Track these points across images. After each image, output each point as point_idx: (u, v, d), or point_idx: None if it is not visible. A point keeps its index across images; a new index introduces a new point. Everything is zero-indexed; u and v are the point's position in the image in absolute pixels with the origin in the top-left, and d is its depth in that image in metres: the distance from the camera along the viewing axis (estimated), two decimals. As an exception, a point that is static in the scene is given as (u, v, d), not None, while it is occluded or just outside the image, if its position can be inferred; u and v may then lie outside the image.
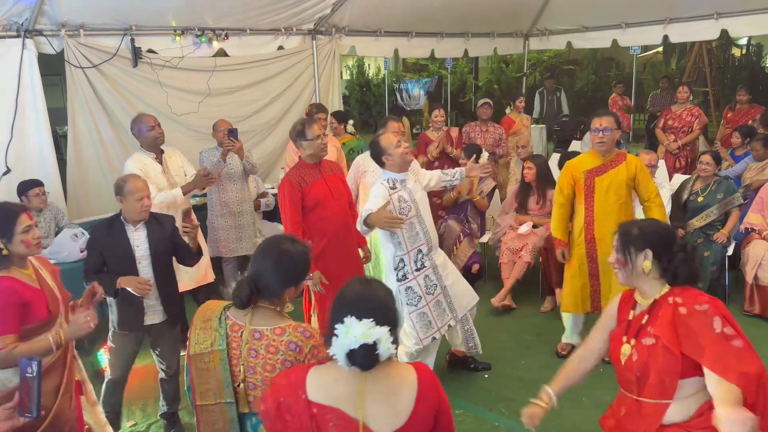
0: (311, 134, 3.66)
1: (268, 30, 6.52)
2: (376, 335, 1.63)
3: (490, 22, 8.36)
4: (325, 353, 1.78)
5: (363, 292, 1.76)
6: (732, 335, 2.00)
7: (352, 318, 1.66)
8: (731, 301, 5.06)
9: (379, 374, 1.70)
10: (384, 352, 1.65)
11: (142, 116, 4.39)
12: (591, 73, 15.29)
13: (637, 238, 2.15)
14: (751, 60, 13.71)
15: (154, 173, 4.26)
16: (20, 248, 2.41)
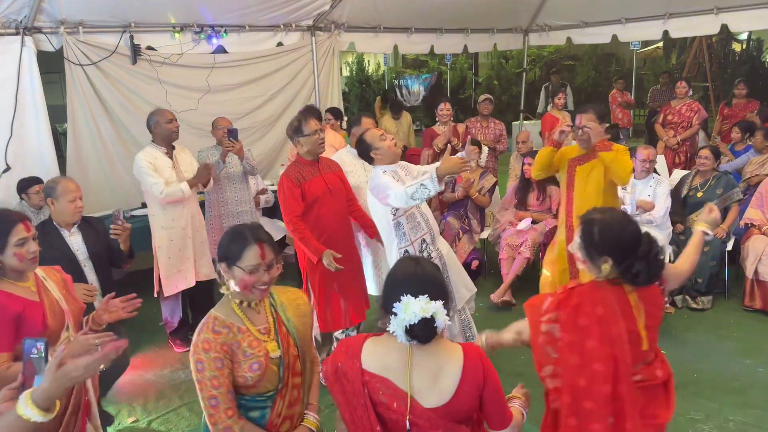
0: (308, 129, 3.60)
1: (267, 26, 6.50)
2: (432, 309, 1.75)
3: (489, 17, 8.34)
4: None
5: (415, 271, 1.86)
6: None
7: (408, 296, 1.78)
8: (731, 296, 5.07)
9: (428, 350, 1.82)
10: (440, 324, 1.77)
11: (161, 110, 4.42)
12: (591, 69, 15.26)
13: (597, 244, 2.10)
14: (752, 55, 13.69)
15: (164, 167, 4.26)
16: (12, 261, 2.21)
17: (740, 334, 4.52)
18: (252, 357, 1.99)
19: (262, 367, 1.99)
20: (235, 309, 2.05)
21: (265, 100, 6.60)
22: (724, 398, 3.69)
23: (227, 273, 2.04)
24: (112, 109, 5.49)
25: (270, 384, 2.03)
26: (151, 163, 4.19)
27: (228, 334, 1.99)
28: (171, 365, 4.38)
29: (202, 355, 1.94)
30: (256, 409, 2.04)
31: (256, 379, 1.98)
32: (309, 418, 2.18)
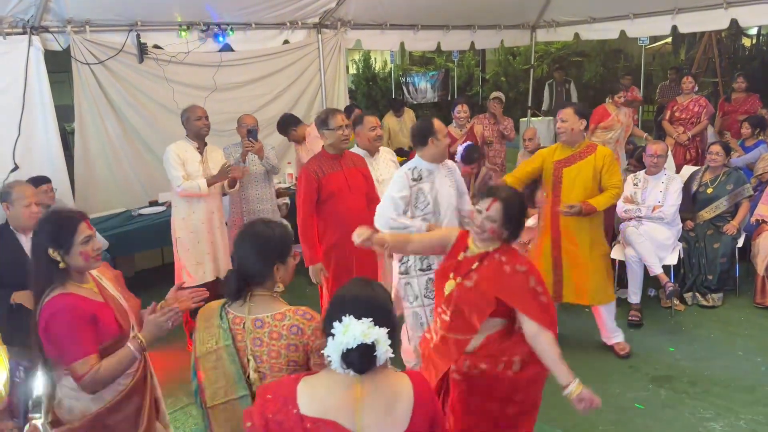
0: (333, 124, 3.68)
1: (273, 24, 6.50)
2: (374, 335, 1.60)
3: (496, 14, 8.29)
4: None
5: (362, 292, 1.72)
6: (541, 292, 2.43)
7: (351, 317, 1.62)
8: (741, 293, 5.03)
9: (375, 382, 1.65)
10: (381, 355, 1.61)
11: (193, 106, 4.48)
12: (599, 65, 15.15)
13: (517, 220, 2.50)
14: (762, 50, 13.54)
15: (192, 161, 4.35)
16: (78, 261, 2.16)
17: (751, 332, 4.48)
18: None
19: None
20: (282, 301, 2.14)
21: (272, 98, 6.60)
22: (735, 396, 3.66)
23: (281, 269, 2.08)
24: (119, 107, 5.51)
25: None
26: (178, 156, 4.30)
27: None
28: (180, 363, 4.37)
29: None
30: None
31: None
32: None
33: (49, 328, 2.08)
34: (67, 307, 2.10)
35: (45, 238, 2.15)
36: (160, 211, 5.45)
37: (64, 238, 2.14)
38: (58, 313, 2.09)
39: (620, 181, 3.94)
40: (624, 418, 3.51)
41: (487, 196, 2.50)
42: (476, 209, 2.52)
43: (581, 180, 3.88)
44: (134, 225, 5.19)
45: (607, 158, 3.88)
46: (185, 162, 4.33)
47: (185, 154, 4.35)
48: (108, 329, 2.18)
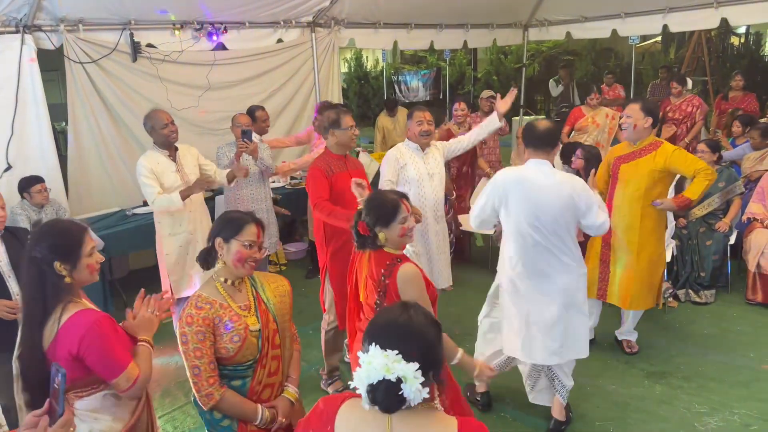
0: (345, 124, 3.69)
1: (267, 23, 6.49)
2: (399, 371, 1.39)
3: (489, 13, 8.33)
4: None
5: (395, 319, 1.51)
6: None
7: (377, 347, 1.44)
8: (734, 290, 5.09)
9: (411, 422, 1.45)
10: (411, 395, 1.40)
11: (155, 113, 4.12)
12: (590, 64, 15.25)
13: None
14: (750, 48, 13.68)
15: (167, 172, 4.10)
16: (84, 274, 2.08)
17: (743, 328, 4.54)
18: (233, 330, 2.20)
19: (241, 339, 2.20)
20: (219, 287, 2.28)
21: (266, 96, 6.58)
22: (729, 391, 3.71)
23: (222, 248, 2.26)
24: (113, 107, 5.48)
25: (250, 354, 2.24)
26: (151, 170, 4.02)
27: (210, 309, 2.20)
28: (176, 363, 4.38)
29: (186, 329, 2.16)
30: (238, 378, 2.26)
31: (236, 349, 2.20)
32: (289, 390, 2.41)
33: (84, 351, 1.97)
34: (95, 322, 2.00)
35: (50, 251, 2.01)
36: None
37: (71, 251, 2.04)
38: (90, 331, 1.98)
39: (704, 163, 3.74)
40: (620, 414, 3.54)
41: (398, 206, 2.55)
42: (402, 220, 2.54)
43: (635, 177, 3.77)
44: (128, 225, 5.16)
45: (669, 153, 3.70)
46: (161, 174, 4.05)
47: (158, 166, 4.06)
48: (124, 340, 2.13)
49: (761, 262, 4.82)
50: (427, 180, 4.00)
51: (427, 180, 4.00)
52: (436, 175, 4.03)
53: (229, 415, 2.25)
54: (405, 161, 4.01)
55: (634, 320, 4.19)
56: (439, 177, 4.05)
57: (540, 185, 3.01)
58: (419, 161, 4.03)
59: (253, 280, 2.40)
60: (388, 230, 2.50)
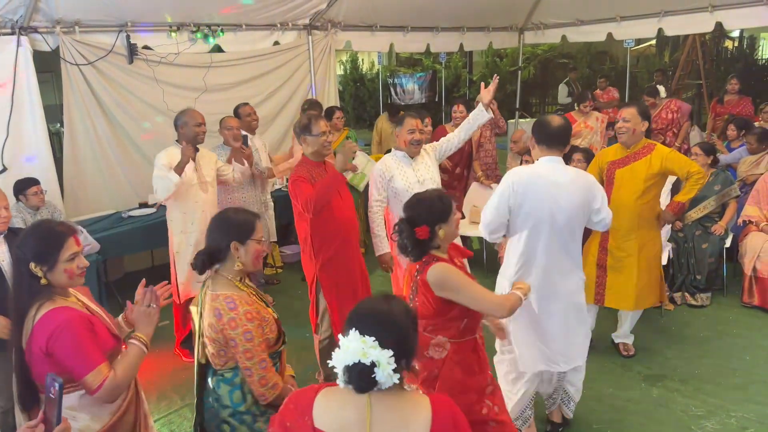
0: (316, 130, 3.55)
1: (264, 25, 6.49)
2: (374, 356, 1.51)
3: (485, 16, 8.35)
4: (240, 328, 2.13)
5: (376, 308, 1.63)
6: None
7: (356, 332, 1.55)
8: (729, 293, 5.10)
9: (388, 403, 1.57)
10: (383, 378, 1.52)
11: (191, 110, 4.25)
12: (585, 67, 15.29)
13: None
14: (744, 52, 13.75)
15: (186, 169, 4.12)
16: (61, 278, 2.08)
17: (739, 331, 4.55)
18: (270, 321, 2.28)
19: (277, 328, 2.32)
20: (239, 286, 2.28)
21: (262, 99, 6.58)
22: (726, 394, 3.72)
23: (239, 251, 2.27)
24: (109, 108, 5.46)
25: (277, 342, 2.33)
26: (168, 165, 4.05)
27: (255, 305, 2.25)
28: (173, 366, 4.36)
29: (249, 326, 2.18)
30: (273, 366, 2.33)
31: (275, 339, 2.30)
32: (288, 366, 2.52)
33: (52, 346, 1.97)
34: (67, 320, 2.00)
35: (28, 252, 2.04)
36: (149, 213, 5.41)
37: (48, 254, 2.04)
38: (60, 327, 1.98)
39: (698, 166, 3.76)
40: (618, 417, 3.55)
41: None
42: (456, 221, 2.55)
43: (632, 182, 3.77)
44: (124, 227, 5.14)
45: (665, 156, 3.71)
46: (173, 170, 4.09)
47: (175, 160, 4.09)
48: (104, 341, 2.10)
49: (757, 265, 4.83)
50: (418, 188, 3.76)
51: (417, 188, 3.76)
52: (427, 181, 3.89)
53: (278, 404, 2.21)
54: (391, 173, 3.89)
55: (631, 323, 4.19)
56: (431, 183, 3.89)
57: (557, 182, 2.92)
58: (408, 170, 3.91)
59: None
60: (447, 225, 2.48)
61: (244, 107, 5.41)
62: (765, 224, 4.97)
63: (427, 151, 4.06)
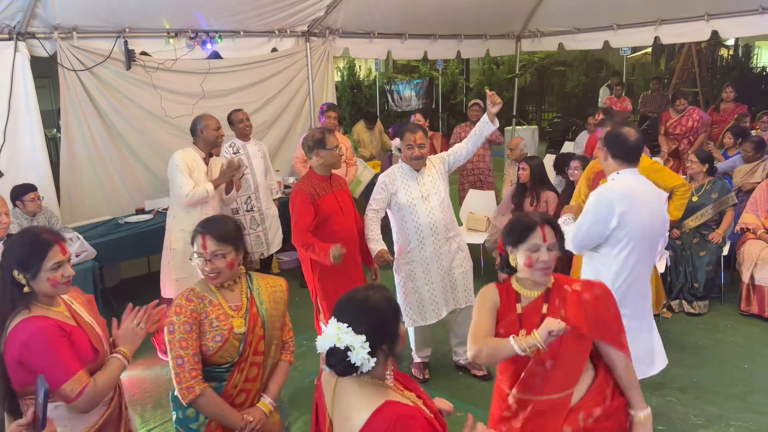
0: (330, 144, 3.58)
1: (262, 32, 6.49)
2: (347, 341, 1.61)
3: (482, 23, 8.38)
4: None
5: (356, 297, 1.73)
6: (620, 314, 2.22)
7: (334, 319, 1.67)
8: (727, 301, 5.10)
9: (350, 387, 1.69)
10: (358, 361, 1.61)
11: (209, 116, 4.47)
12: (581, 74, 15.37)
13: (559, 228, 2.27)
14: (740, 60, 13.84)
15: (199, 170, 4.34)
16: (45, 287, 2.05)
17: (737, 339, 4.55)
18: (217, 329, 2.22)
19: (223, 339, 2.22)
20: (211, 285, 2.31)
21: (260, 105, 6.58)
22: (725, 403, 3.71)
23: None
24: (106, 114, 5.45)
25: (228, 356, 2.24)
26: (187, 165, 4.24)
27: (199, 304, 2.24)
28: (168, 374, 4.32)
29: (174, 318, 2.19)
30: (214, 380, 2.25)
31: (216, 349, 2.21)
32: (264, 401, 2.37)
33: (25, 356, 1.94)
34: (40, 329, 1.98)
35: (13, 259, 2.03)
36: (146, 219, 5.38)
37: (31, 262, 2.02)
38: (33, 337, 1.96)
39: (681, 180, 3.76)
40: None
41: (529, 231, 2.16)
42: (528, 250, 2.16)
43: None
44: (121, 233, 5.12)
45: (651, 167, 3.68)
46: (192, 171, 4.28)
47: (193, 162, 4.30)
48: (83, 353, 2.06)
49: (754, 273, 4.84)
50: (421, 203, 3.79)
51: (420, 203, 3.79)
52: (432, 195, 3.82)
53: (205, 415, 2.25)
54: (396, 187, 3.82)
55: None
56: (436, 197, 3.82)
57: (649, 195, 2.91)
58: (412, 184, 3.83)
59: (250, 281, 2.40)
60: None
61: (236, 113, 5.36)
62: (762, 232, 4.98)
63: (434, 164, 3.96)
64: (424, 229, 3.81)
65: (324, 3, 6.47)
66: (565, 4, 7.93)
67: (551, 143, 10.34)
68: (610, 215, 2.81)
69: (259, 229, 5.41)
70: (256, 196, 5.37)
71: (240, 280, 2.38)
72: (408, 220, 3.82)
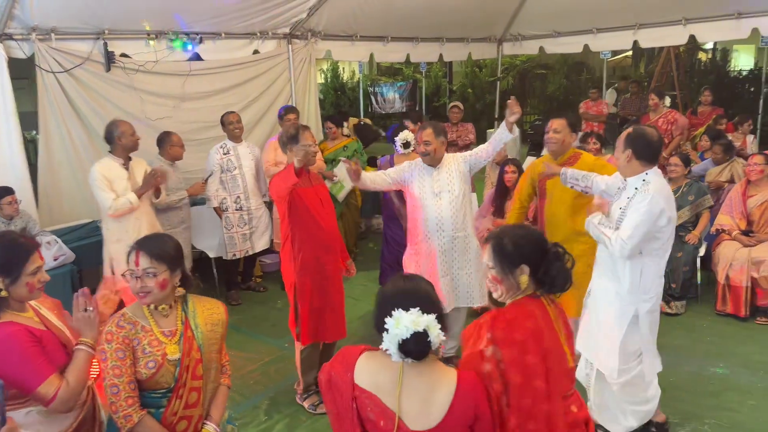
0: (304, 140, 3.62)
1: (243, 34, 6.48)
2: (425, 322, 1.70)
3: (464, 27, 8.44)
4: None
5: (405, 286, 1.84)
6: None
7: (400, 310, 1.73)
8: (703, 301, 5.18)
9: (421, 370, 1.77)
10: (435, 339, 1.71)
11: (123, 122, 4.46)
12: (562, 78, 15.51)
13: (511, 254, 2.02)
14: (717, 64, 14.05)
15: (119, 179, 4.36)
16: (22, 291, 2.07)
17: (713, 338, 4.62)
18: (150, 355, 2.16)
19: (157, 365, 2.15)
20: (144, 310, 2.23)
21: (242, 107, 6.55)
22: (700, 401, 3.77)
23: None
24: (86, 116, 5.40)
25: (165, 382, 2.18)
26: (105, 176, 4.29)
27: (131, 330, 2.17)
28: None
29: (105, 346, 2.12)
30: (151, 407, 2.19)
31: (149, 375, 2.15)
32: (207, 428, 2.31)
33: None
34: (8, 335, 1.98)
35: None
36: (127, 222, 5.34)
37: (13, 266, 2.03)
38: (2, 343, 1.96)
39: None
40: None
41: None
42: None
43: (563, 193, 3.79)
44: (100, 236, 5.03)
45: (595, 163, 3.76)
46: (112, 181, 4.31)
47: (111, 173, 4.33)
48: (55, 356, 2.07)
49: (730, 273, 4.92)
50: (431, 199, 3.86)
51: (430, 199, 3.86)
52: (443, 193, 3.87)
53: None
54: (413, 178, 3.93)
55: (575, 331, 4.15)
56: (448, 195, 3.86)
57: (672, 193, 3.11)
58: (426, 179, 3.90)
59: (185, 305, 2.32)
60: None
61: (228, 115, 5.44)
62: (737, 233, 5.07)
63: (457, 161, 3.98)
64: (430, 224, 3.89)
65: (306, 5, 6.47)
66: (546, 8, 8.01)
67: (533, 146, 10.42)
68: (662, 219, 2.90)
69: (246, 227, 5.50)
70: (246, 196, 5.47)
71: (176, 304, 2.29)
72: (417, 213, 3.91)
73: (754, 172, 5.07)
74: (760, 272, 4.81)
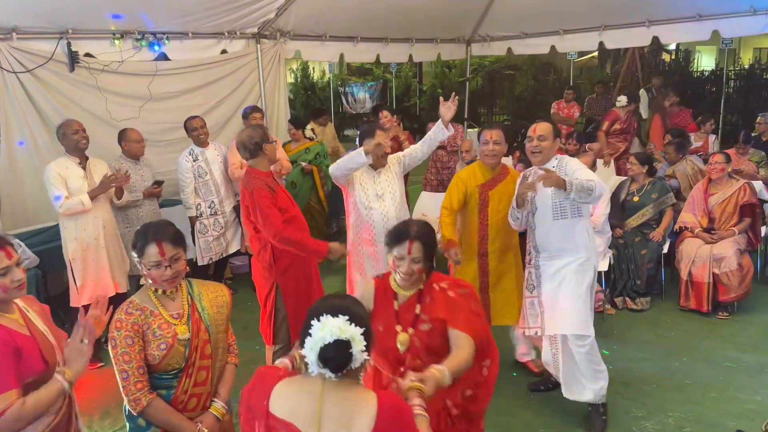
0: (271, 138, 3.70)
1: (211, 34, 6.41)
2: (351, 332, 1.64)
3: (433, 28, 8.48)
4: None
5: (337, 301, 1.78)
6: (479, 312, 2.44)
7: (328, 315, 1.67)
8: (668, 297, 5.31)
9: (339, 395, 1.67)
10: (357, 354, 1.64)
11: (68, 121, 4.48)
12: (530, 78, 15.70)
13: (433, 243, 2.41)
14: (680, 65, 14.38)
15: (74, 177, 4.35)
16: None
17: (677, 333, 4.74)
18: (160, 338, 2.24)
19: (168, 346, 2.24)
20: (151, 295, 2.33)
21: (210, 107, 6.49)
22: (664, 395, 3.86)
23: (139, 265, 2.32)
24: (49, 118, 5.27)
25: (175, 362, 2.26)
26: (59, 174, 4.29)
27: (140, 316, 2.25)
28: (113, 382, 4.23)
29: (115, 333, 2.21)
30: (163, 388, 2.29)
31: (162, 357, 2.23)
32: (216, 405, 2.41)
33: None
34: None
35: None
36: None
37: None
38: None
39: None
40: (561, 420, 3.64)
41: (400, 240, 2.37)
42: (396, 257, 2.38)
43: (505, 201, 3.81)
44: (65, 239, 4.97)
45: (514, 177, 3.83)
46: (67, 179, 4.31)
47: (66, 171, 4.33)
48: (32, 364, 2.01)
49: (692, 270, 5.05)
50: (375, 201, 3.89)
51: (375, 201, 3.89)
52: (387, 194, 3.93)
53: (156, 424, 2.27)
54: (354, 180, 3.93)
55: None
56: (391, 196, 3.93)
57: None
58: (368, 181, 3.93)
59: (190, 288, 2.42)
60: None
61: (191, 120, 5.40)
62: (699, 230, 5.20)
63: (392, 163, 4.05)
64: (377, 227, 3.90)
65: (274, 5, 6.43)
66: (513, 9, 8.09)
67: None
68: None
69: (221, 231, 5.49)
70: (219, 200, 5.46)
71: (181, 287, 2.39)
72: (362, 216, 3.92)
73: (715, 171, 5.21)
74: (721, 268, 4.94)
